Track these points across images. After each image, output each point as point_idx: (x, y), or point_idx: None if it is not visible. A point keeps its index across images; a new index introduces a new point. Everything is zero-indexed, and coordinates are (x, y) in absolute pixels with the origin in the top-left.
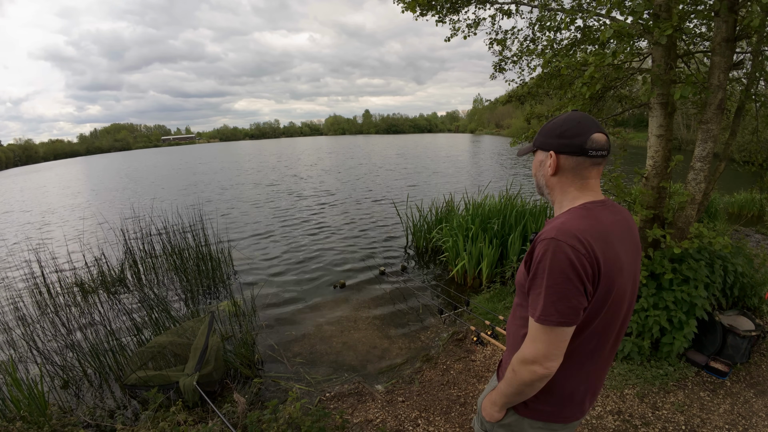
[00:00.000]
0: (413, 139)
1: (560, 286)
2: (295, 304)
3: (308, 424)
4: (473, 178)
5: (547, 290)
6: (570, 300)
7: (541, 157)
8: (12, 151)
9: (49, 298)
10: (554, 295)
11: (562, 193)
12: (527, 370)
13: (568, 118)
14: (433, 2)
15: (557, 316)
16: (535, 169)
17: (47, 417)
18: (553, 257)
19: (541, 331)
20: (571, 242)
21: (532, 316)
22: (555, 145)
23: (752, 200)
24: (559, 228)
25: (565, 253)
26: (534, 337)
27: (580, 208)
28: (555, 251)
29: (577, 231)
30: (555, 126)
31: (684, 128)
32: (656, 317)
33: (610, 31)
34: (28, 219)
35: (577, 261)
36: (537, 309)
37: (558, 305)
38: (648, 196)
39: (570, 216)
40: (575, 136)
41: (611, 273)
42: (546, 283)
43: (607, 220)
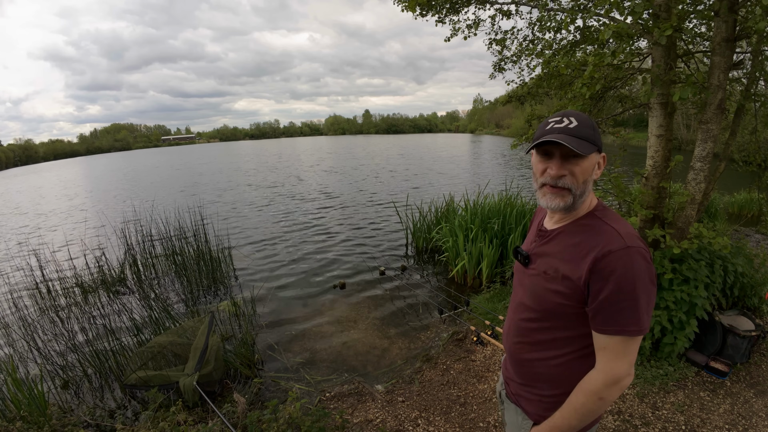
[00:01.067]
0: (413, 139)
1: (649, 294)
2: (295, 304)
3: (308, 424)
4: (473, 178)
5: (637, 300)
6: (654, 301)
7: (595, 159)
8: (12, 151)
9: (50, 298)
10: (644, 304)
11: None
12: (620, 387)
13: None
14: (433, 2)
15: (648, 321)
16: (587, 174)
17: (47, 417)
18: (637, 266)
19: (634, 342)
20: (642, 245)
21: (620, 332)
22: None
23: (752, 200)
24: (624, 234)
25: (645, 258)
26: (624, 352)
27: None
28: (636, 259)
29: (635, 232)
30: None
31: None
32: (657, 317)
33: (609, 31)
34: (28, 220)
35: (651, 262)
36: (630, 323)
37: (649, 310)
38: (648, 196)
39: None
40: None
41: None
42: (636, 293)
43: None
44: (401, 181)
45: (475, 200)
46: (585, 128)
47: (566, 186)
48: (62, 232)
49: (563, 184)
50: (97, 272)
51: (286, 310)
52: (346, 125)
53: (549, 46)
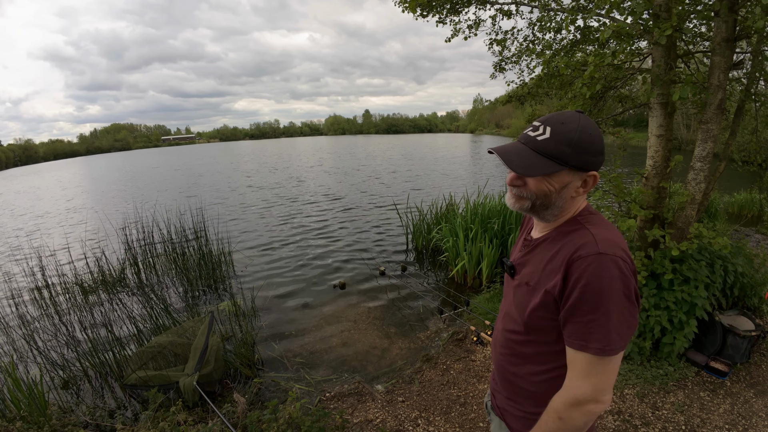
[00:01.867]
0: (413, 139)
1: (621, 308)
2: (295, 304)
3: (308, 424)
4: (473, 177)
5: (607, 315)
6: (630, 321)
7: (569, 178)
8: (12, 151)
9: (50, 297)
10: (616, 318)
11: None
12: (581, 412)
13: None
14: (434, 3)
15: (619, 342)
16: (547, 190)
17: (47, 417)
18: (608, 276)
19: (599, 363)
20: (620, 254)
21: (583, 348)
22: (597, 164)
23: (752, 200)
24: (599, 240)
25: (619, 267)
26: (588, 372)
27: (588, 213)
28: (608, 269)
29: (616, 240)
30: (596, 141)
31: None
32: (657, 317)
33: (609, 31)
34: (28, 220)
35: (631, 275)
36: (591, 339)
37: (621, 330)
38: (648, 196)
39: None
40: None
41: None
42: (604, 307)
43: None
44: (402, 182)
45: (476, 200)
46: (556, 143)
47: (521, 195)
48: (62, 232)
49: (517, 193)
50: (97, 272)
51: (286, 310)
52: (346, 125)
53: (549, 46)
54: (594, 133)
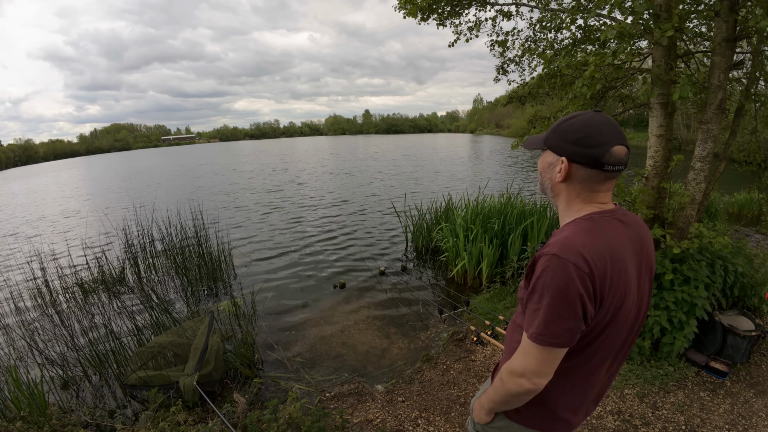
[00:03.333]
0: (413, 139)
1: (557, 307)
2: (295, 304)
3: (308, 424)
4: (475, 178)
5: (545, 309)
6: (565, 322)
7: (550, 158)
8: (12, 151)
9: (50, 297)
10: (550, 315)
11: (568, 202)
12: (514, 382)
13: (588, 122)
14: (434, 6)
15: (549, 337)
16: (541, 168)
17: (47, 417)
18: (553, 275)
19: (533, 348)
20: (573, 260)
21: (526, 331)
22: (568, 152)
23: (752, 200)
24: (563, 243)
25: (567, 272)
26: (525, 351)
27: (586, 219)
28: (556, 269)
29: (581, 247)
30: (573, 129)
31: (684, 128)
32: (657, 317)
33: (612, 32)
34: (26, 221)
35: (579, 281)
36: (531, 325)
37: (552, 326)
38: (648, 196)
39: (575, 229)
40: (593, 147)
41: (617, 292)
42: (544, 301)
43: (616, 233)
44: (407, 183)
45: (476, 200)
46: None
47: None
48: (62, 232)
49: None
50: (98, 272)
51: (286, 310)
52: (346, 125)
53: (550, 46)
54: (576, 123)
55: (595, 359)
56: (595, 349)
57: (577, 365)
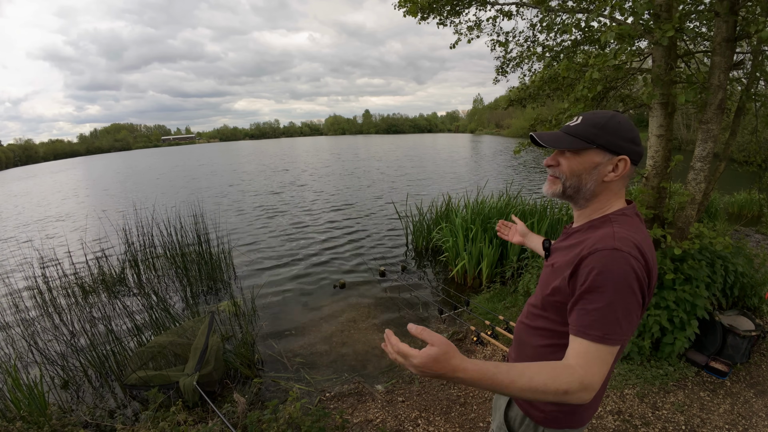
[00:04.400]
0: (414, 139)
1: (626, 301)
2: (295, 304)
3: (308, 424)
4: (476, 177)
5: (611, 306)
6: (632, 315)
7: (598, 158)
8: (12, 151)
9: (50, 297)
10: (620, 311)
11: (607, 200)
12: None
13: (628, 121)
14: (434, 5)
15: (621, 334)
16: (580, 168)
17: (47, 417)
18: (618, 269)
19: (600, 351)
20: (634, 253)
21: (584, 335)
22: (629, 151)
23: (752, 200)
24: (617, 237)
25: (630, 264)
26: (590, 358)
27: (621, 214)
28: (620, 263)
29: (634, 240)
30: (625, 128)
31: (684, 128)
32: (657, 317)
33: (612, 33)
34: (26, 221)
35: (639, 273)
36: (595, 327)
37: (623, 322)
38: (648, 196)
39: (619, 224)
40: (641, 145)
41: (654, 282)
42: (610, 298)
43: (643, 226)
44: (408, 183)
45: (475, 200)
46: (584, 126)
47: (556, 175)
48: (62, 233)
49: (553, 173)
50: (97, 272)
51: (287, 310)
52: (346, 125)
53: (550, 47)
54: (624, 122)
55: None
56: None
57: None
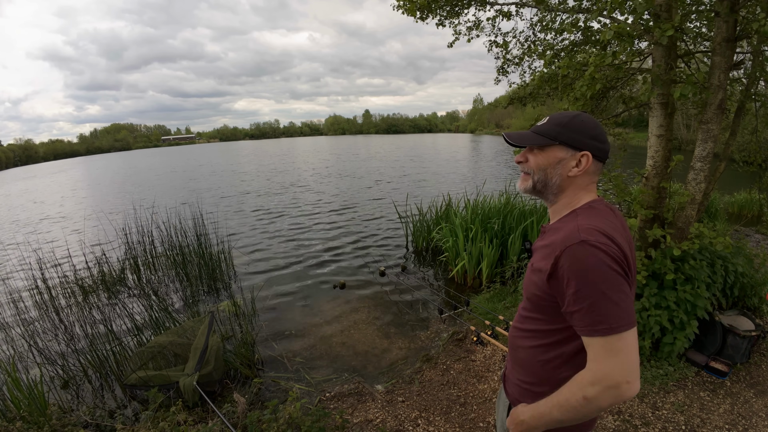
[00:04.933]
0: (414, 139)
1: (613, 285)
2: (295, 304)
3: (308, 424)
4: (476, 177)
5: (604, 296)
6: (624, 294)
7: (561, 154)
8: (12, 151)
9: (49, 298)
10: (614, 296)
11: (574, 195)
12: (612, 394)
13: (593, 120)
14: (433, 5)
15: (624, 317)
16: (544, 164)
17: (47, 417)
18: (592, 259)
19: (614, 341)
20: (600, 239)
21: (592, 333)
22: (591, 147)
23: (752, 200)
24: (581, 229)
25: (601, 250)
26: (609, 351)
27: (587, 207)
28: (591, 252)
29: (598, 226)
30: (588, 126)
31: (684, 128)
32: (657, 317)
33: (611, 33)
34: (26, 222)
35: (613, 254)
36: (599, 321)
37: (622, 305)
38: (648, 196)
39: (584, 216)
40: (605, 142)
41: (633, 265)
42: (597, 288)
43: (614, 217)
44: (409, 183)
45: (475, 200)
46: (549, 124)
47: (526, 171)
48: (62, 233)
49: (523, 169)
50: (97, 272)
51: (287, 310)
52: (346, 125)
53: (550, 47)
54: (587, 120)
55: None
56: None
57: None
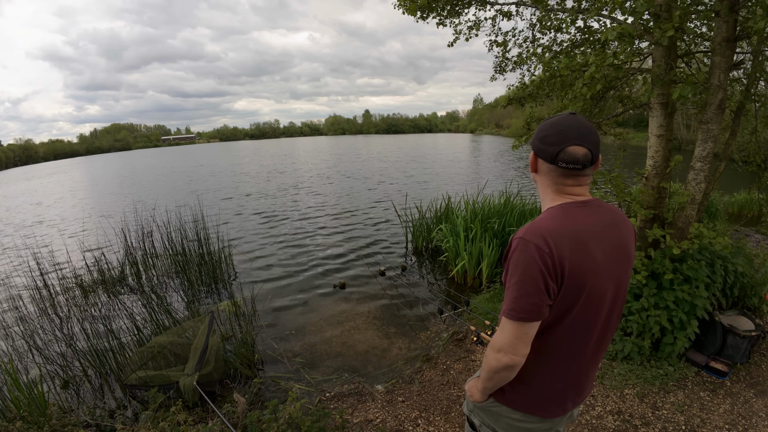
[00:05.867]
0: (414, 139)
1: (523, 284)
2: (295, 304)
3: (308, 424)
4: (476, 177)
5: (515, 286)
6: (531, 297)
7: (532, 156)
8: (12, 151)
9: (49, 298)
10: (518, 291)
11: (543, 192)
12: (494, 357)
13: (555, 123)
14: (434, 5)
15: (519, 311)
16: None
17: (47, 417)
18: (519, 255)
19: (507, 323)
20: (535, 240)
21: (502, 309)
22: (535, 147)
23: (752, 200)
24: (529, 228)
25: (530, 251)
26: (502, 327)
27: (557, 208)
28: (522, 250)
29: (544, 230)
30: (542, 128)
31: (684, 128)
32: (657, 317)
33: (613, 33)
34: (26, 223)
35: (540, 260)
36: (505, 302)
37: (521, 301)
38: (648, 196)
39: (543, 216)
40: (551, 144)
41: (581, 273)
42: (513, 279)
43: (584, 220)
44: (409, 184)
45: (474, 200)
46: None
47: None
48: (62, 233)
49: None
50: (97, 273)
51: (287, 310)
52: (346, 125)
53: (550, 47)
54: (547, 123)
55: (573, 340)
56: (568, 328)
57: (556, 344)
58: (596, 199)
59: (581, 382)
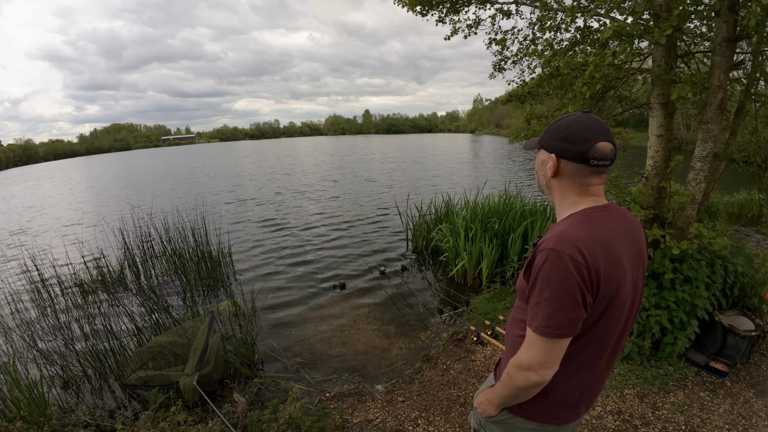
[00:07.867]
0: (414, 139)
1: (559, 298)
2: (295, 304)
3: (308, 424)
4: (476, 177)
5: (547, 301)
6: (569, 312)
7: (543, 156)
8: (12, 151)
9: (49, 298)
10: (553, 306)
11: (562, 196)
12: (522, 376)
13: (575, 121)
14: (433, 1)
15: (555, 328)
16: (537, 166)
17: (47, 417)
18: (552, 268)
19: (538, 340)
20: (569, 252)
21: (530, 325)
22: (557, 149)
23: (752, 200)
24: (558, 237)
25: (564, 263)
26: (531, 344)
27: (581, 213)
28: (554, 262)
29: (577, 240)
30: (560, 128)
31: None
32: (657, 317)
33: (610, 31)
34: (25, 223)
35: (576, 272)
36: (535, 318)
37: (556, 317)
38: (648, 196)
39: (570, 223)
40: (579, 143)
41: (613, 281)
42: (546, 294)
43: (609, 225)
44: (410, 184)
45: (474, 200)
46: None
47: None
48: (62, 234)
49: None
50: (97, 273)
51: (287, 310)
52: (346, 125)
53: (549, 46)
54: (563, 122)
55: (593, 347)
56: (592, 336)
57: (577, 352)
58: (612, 203)
59: (596, 386)
